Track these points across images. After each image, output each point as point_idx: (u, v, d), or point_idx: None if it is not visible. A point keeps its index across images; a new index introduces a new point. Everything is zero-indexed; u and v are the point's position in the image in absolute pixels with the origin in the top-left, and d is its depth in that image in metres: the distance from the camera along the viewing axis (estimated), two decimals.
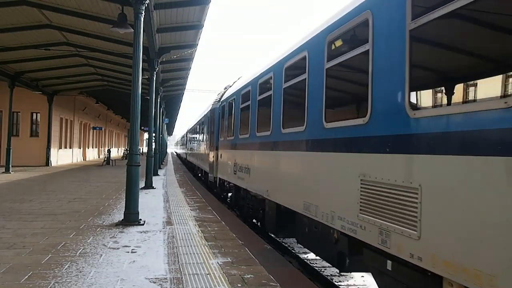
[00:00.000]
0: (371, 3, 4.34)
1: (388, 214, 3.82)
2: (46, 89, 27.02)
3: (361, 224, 4.29)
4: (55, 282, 4.80)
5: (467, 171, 2.92)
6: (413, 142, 3.55)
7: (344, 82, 5.38)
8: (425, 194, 3.34)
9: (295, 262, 8.13)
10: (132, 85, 9.04)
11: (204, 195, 14.51)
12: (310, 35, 6.00)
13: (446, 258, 3.05)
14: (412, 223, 3.46)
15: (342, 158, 4.86)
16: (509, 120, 2.62)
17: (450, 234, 3.04)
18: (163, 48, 15.96)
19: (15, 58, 19.44)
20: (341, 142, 4.91)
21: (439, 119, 3.25)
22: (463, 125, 2.99)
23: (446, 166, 3.12)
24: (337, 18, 5.12)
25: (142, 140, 72.78)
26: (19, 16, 14.09)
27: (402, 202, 3.64)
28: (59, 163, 30.26)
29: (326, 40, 5.34)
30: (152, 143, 17.89)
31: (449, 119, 3.15)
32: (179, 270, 5.42)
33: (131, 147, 9.02)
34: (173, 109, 44.62)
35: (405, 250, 3.52)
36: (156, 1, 11.99)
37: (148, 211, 10.11)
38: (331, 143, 5.19)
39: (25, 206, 10.66)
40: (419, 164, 3.45)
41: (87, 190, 14.57)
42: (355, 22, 4.66)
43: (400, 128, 3.72)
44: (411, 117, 3.57)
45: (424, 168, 3.37)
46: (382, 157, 4.00)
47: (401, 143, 3.71)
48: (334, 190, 5.03)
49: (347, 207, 4.60)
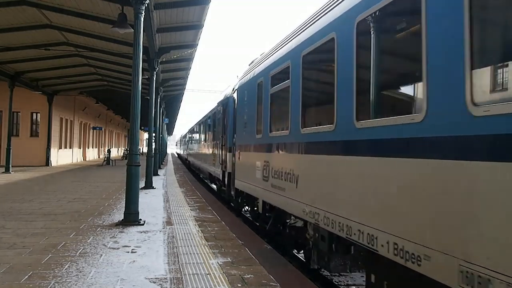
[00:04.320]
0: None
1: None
2: (46, 89, 27.02)
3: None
4: (55, 282, 4.80)
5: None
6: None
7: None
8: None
9: (295, 262, 8.12)
10: (132, 85, 9.04)
11: (204, 195, 14.50)
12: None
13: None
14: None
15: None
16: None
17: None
18: (163, 48, 15.96)
19: (15, 58, 19.44)
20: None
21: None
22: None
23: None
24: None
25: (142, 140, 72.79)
26: (19, 16, 14.09)
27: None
28: (59, 163, 30.26)
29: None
30: (152, 143, 17.89)
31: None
32: (179, 270, 5.42)
33: (131, 147, 9.03)
34: (173, 109, 44.64)
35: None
36: (156, 1, 12.00)
37: (148, 211, 10.11)
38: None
39: (25, 206, 10.66)
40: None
41: (87, 190, 14.56)
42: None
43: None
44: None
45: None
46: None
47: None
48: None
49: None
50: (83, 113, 37.20)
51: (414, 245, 3.43)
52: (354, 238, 4.43)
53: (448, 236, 3.10)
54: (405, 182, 3.65)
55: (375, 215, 4.09)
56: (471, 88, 2.95)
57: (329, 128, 5.19)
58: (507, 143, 2.63)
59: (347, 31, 4.77)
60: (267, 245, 7.41)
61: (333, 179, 5.10)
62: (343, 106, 4.89)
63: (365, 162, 4.35)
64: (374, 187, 4.12)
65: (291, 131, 6.56)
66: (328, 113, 5.27)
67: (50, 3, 12.98)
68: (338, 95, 5.00)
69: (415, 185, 3.51)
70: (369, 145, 4.30)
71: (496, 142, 2.74)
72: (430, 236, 3.27)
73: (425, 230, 3.34)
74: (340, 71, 5.00)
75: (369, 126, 4.27)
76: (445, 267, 3.09)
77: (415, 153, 3.53)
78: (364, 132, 4.37)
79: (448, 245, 3.08)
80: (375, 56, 4.30)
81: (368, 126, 4.29)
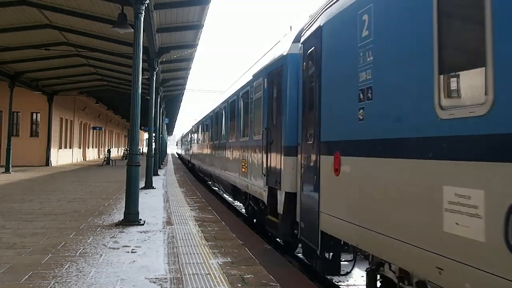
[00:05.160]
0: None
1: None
2: (46, 89, 27.02)
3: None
4: (55, 282, 4.80)
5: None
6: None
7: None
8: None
9: (295, 262, 8.12)
10: (132, 85, 9.04)
11: (204, 195, 14.50)
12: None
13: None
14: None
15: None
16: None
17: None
18: (163, 48, 15.97)
19: (15, 58, 19.45)
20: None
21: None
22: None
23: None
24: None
25: (142, 140, 72.76)
26: (19, 16, 14.09)
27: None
28: (59, 163, 30.26)
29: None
30: (152, 143, 17.89)
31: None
32: (179, 270, 5.42)
33: (131, 147, 9.03)
34: (173, 109, 44.65)
35: None
36: (156, 1, 12.00)
37: (148, 211, 10.11)
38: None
39: (25, 206, 10.66)
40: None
41: (87, 190, 14.56)
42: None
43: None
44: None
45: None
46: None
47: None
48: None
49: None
50: (83, 113, 37.21)
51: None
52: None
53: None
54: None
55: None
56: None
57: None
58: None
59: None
60: (267, 245, 7.40)
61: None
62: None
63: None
64: None
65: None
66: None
67: (50, 3, 12.98)
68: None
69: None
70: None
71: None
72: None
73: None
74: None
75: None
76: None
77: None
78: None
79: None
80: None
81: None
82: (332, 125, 5.26)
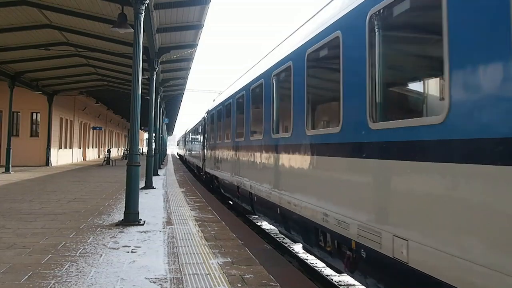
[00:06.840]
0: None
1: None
2: (46, 89, 27.03)
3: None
4: (55, 282, 4.80)
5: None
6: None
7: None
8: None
9: (295, 262, 8.13)
10: (132, 85, 9.04)
11: (204, 195, 14.50)
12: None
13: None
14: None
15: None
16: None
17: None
18: (163, 48, 15.97)
19: (15, 58, 19.45)
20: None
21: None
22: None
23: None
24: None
25: (142, 140, 72.76)
26: (19, 16, 14.09)
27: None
28: (59, 163, 30.26)
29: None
30: (152, 143, 17.90)
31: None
32: (179, 270, 5.42)
33: (131, 147, 9.02)
34: (173, 109, 44.64)
35: None
36: (156, 1, 12.00)
37: (148, 211, 10.11)
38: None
39: (25, 206, 10.66)
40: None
41: (87, 190, 14.56)
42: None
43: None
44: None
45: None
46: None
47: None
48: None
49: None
50: (83, 113, 37.21)
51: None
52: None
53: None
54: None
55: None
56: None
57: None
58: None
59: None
60: (267, 245, 7.41)
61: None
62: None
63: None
64: None
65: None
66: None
67: (50, 3, 12.98)
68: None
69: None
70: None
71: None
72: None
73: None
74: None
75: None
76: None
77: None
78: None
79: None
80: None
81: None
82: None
